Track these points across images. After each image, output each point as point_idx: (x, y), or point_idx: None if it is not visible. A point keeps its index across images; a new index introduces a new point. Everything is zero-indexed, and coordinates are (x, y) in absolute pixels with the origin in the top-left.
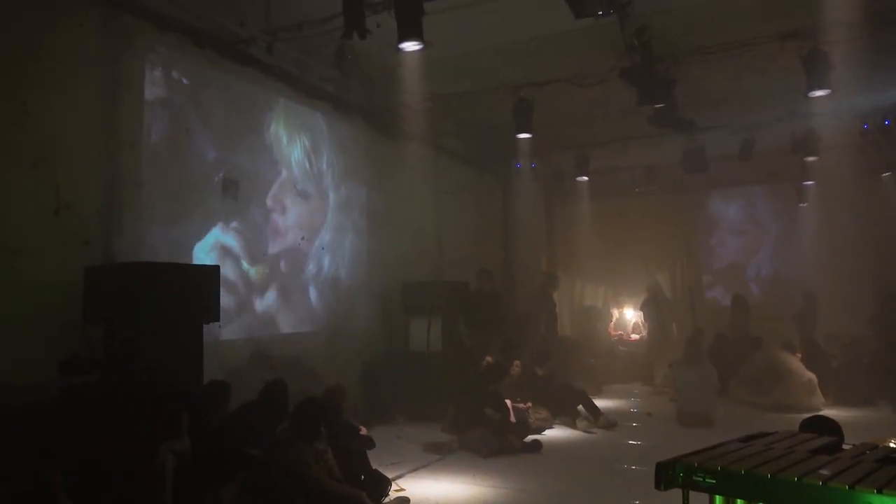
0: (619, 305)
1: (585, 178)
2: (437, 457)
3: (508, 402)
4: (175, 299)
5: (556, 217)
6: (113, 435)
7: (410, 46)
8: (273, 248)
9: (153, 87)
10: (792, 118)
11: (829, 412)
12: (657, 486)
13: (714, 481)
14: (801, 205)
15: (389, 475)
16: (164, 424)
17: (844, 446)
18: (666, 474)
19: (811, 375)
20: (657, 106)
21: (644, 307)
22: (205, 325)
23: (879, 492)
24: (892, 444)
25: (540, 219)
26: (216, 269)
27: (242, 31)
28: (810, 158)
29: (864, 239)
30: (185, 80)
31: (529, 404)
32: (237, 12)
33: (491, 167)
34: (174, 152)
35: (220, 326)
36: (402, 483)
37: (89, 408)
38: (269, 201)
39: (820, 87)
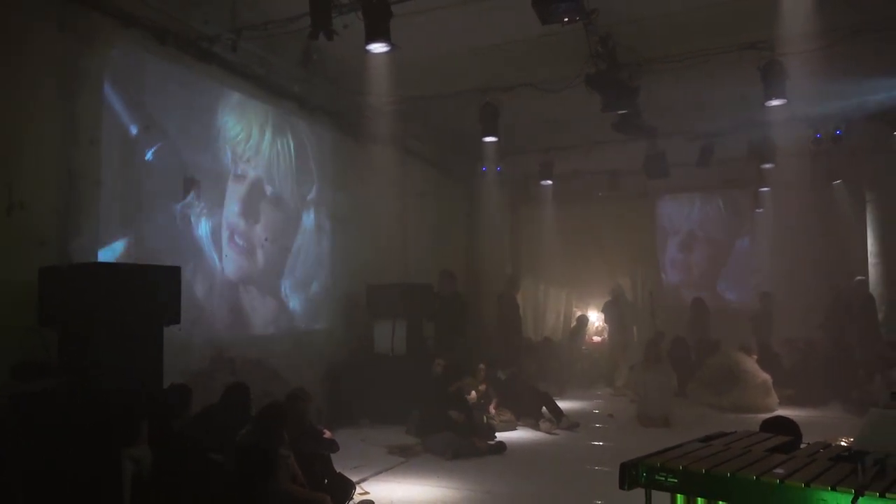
0: (582, 308)
1: (550, 183)
2: (402, 459)
3: (474, 394)
4: (134, 301)
5: (521, 220)
6: (70, 442)
7: (378, 48)
8: (235, 249)
9: (114, 84)
10: (749, 126)
11: (784, 412)
12: (621, 486)
13: (676, 481)
14: (758, 210)
15: (353, 478)
16: (123, 431)
17: (801, 445)
18: (629, 474)
19: (766, 376)
20: (621, 112)
21: (606, 310)
22: (165, 328)
23: (833, 489)
24: (843, 443)
25: (505, 222)
26: (177, 270)
27: (206, 29)
28: (766, 165)
29: (816, 244)
30: (147, 78)
31: (494, 401)
32: (201, 10)
33: (457, 170)
34: (135, 151)
35: (180, 329)
36: (366, 486)
37: (45, 414)
38: (231, 201)
39: (776, 97)
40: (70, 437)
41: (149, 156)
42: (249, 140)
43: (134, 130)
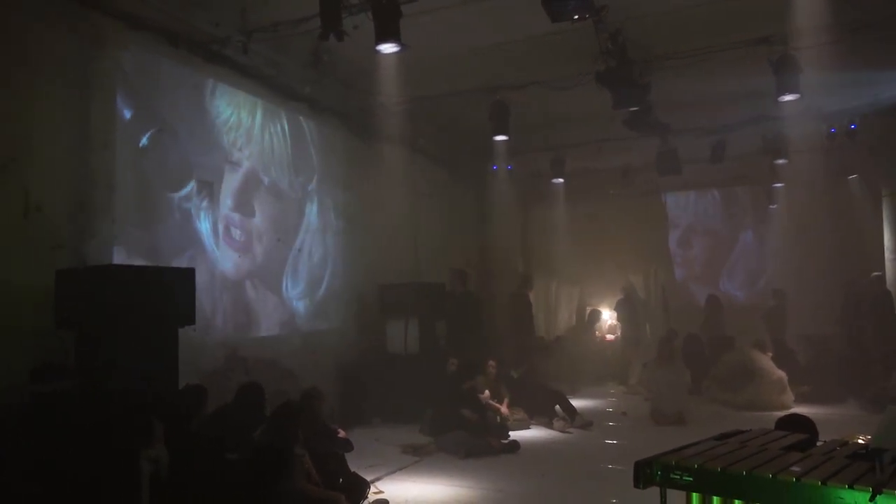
0: (594, 306)
1: (561, 180)
2: (415, 458)
3: (488, 392)
4: (149, 303)
5: (533, 218)
6: (87, 444)
7: (388, 48)
8: (249, 250)
9: (126, 88)
10: (762, 121)
11: (800, 410)
12: (636, 485)
13: (691, 479)
14: (771, 206)
15: (368, 477)
16: (140, 431)
17: (818, 443)
18: (644, 473)
19: (781, 374)
20: (632, 109)
21: (618, 308)
22: (180, 329)
23: (851, 487)
24: (860, 441)
25: (516, 220)
26: (191, 271)
27: (217, 31)
28: (780, 161)
29: (830, 240)
30: (158, 81)
31: (506, 401)
32: (212, 12)
33: (467, 169)
34: (147, 154)
35: (194, 330)
36: (380, 485)
37: (62, 416)
38: (244, 203)
39: (789, 92)
40: (87, 439)
41: (161, 158)
42: (261, 141)
43: (147, 133)
